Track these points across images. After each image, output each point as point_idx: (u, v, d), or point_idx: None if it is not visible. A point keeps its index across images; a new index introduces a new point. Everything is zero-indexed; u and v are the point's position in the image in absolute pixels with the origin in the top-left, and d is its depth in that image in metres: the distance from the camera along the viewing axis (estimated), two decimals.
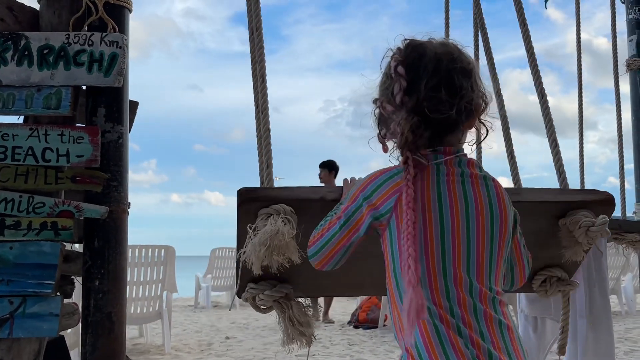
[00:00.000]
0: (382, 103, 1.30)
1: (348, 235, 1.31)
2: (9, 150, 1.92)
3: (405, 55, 1.28)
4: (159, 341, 6.05)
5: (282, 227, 1.39)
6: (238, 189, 1.54)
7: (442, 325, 1.17)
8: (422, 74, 1.25)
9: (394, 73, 1.27)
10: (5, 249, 1.91)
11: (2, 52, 1.93)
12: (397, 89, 1.25)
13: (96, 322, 2.02)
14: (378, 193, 1.26)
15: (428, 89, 1.23)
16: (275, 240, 1.36)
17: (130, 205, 2.15)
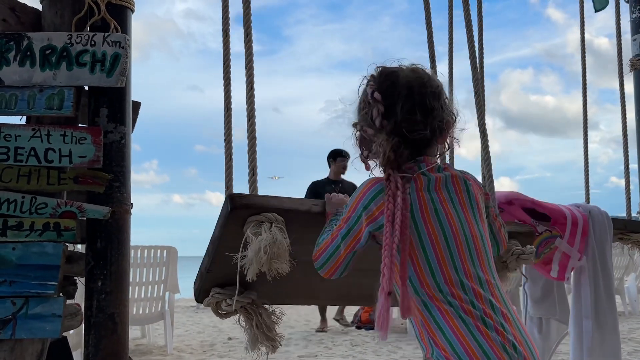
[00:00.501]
0: (362, 127, 1.42)
1: (351, 245, 1.41)
2: (11, 151, 1.91)
3: (379, 82, 1.41)
4: (161, 342, 6.04)
5: (278, 236, 1.44)
6: (229, 194, 1.57)
7: (468, 317, 1.25)
8: (397, 99, 1.37)
9: (371, 99, 1.39)
10: (8, 249, 1.91)
11: (5, 52, 1.92)
12: (376, 114, 1.37)
13: (99, 323, 2.01)
14: (375, 203, 1.35)
15: (404, 112, 1.36)
16: (274, 247, 1.41)
17: (132, 206, 2.14)
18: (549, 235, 2.52)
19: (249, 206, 1.53)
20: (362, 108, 1.44)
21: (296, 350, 5.67)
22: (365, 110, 1.42)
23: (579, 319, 2.76)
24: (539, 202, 2.58)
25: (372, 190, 1.36)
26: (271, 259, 1.40)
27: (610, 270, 2.74)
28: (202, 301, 1.69)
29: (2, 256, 1.91)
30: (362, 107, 1.44)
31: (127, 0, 2.03)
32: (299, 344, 6.02)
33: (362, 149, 1.46)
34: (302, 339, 6.30)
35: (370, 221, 1.35)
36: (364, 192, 1.38)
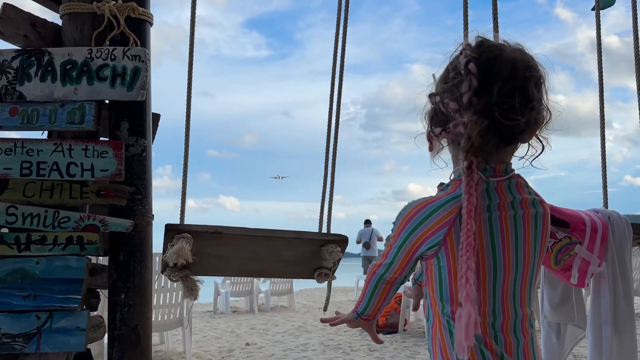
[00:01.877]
0: (442, 99, 1.22)
1: (404, 263, 1.31)
2: (33, 166, 1.93)
3: (479, 52, 1.21)
4: (180, 348, 6.06)
5: (184, 245, 2.14)
6: (166, 224, 2.22)
7: (487, 351, 1.20)
8: (496, 76, 1.18)
9: (464, 70, 1.19)
10: (32, 264, 1.92)
11: (26, 68, 1.94)
12: (467, 88, 1.18)
13: (122, 336, 2.02)
14: (425, 226, 1.23)
15: (501, 93, 1.18)
16: (180, 252, 2.12)
17: (154, 217, 2.15)
18: (569, 241, 2.50)
19: (174, 230, 2.19)
20: (449, 78, 1.23)
21: (314, 356, 5.66)
22: (453, 81, 1.21)
23: (598, 325, 2.73)
24: (558, 208, 2.56)
25: (423, 213, 1.23)
26: (179, 257, 2.12)
27: (629, 276, 2.70)
28: (163, 272, 2.30)
29: (26, 270, 1.92)
30: (449, 77, 1.23)
31: (146, 14, 2.04)
32: (316, 349, 6.00)
33: (432, 124, 1.27)
34: (320, 344, 6.28)
35: (419, 244, 1.25)
36: (412, 214, 1.24)
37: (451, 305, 1.23)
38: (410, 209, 1.26)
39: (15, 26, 1.96)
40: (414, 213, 1.24)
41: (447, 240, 1.21)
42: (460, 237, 1.18)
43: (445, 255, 1.22)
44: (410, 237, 1.25)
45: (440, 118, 1.24)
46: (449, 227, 1.20)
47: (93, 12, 1.97)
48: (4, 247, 1.92)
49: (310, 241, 2.51)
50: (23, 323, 1.90)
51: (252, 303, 9.74)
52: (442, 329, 1.25)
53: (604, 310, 2.67)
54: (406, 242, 1.26)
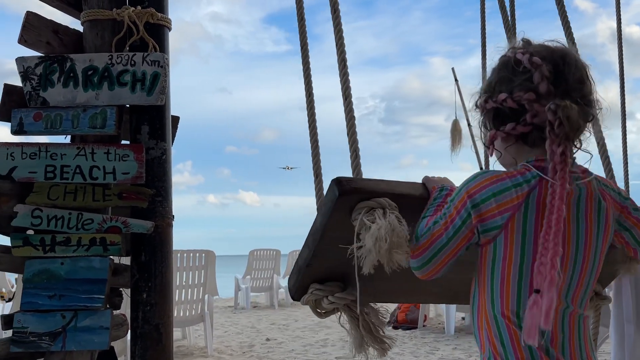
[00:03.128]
0: (512, 95, 1.22)
1: (459, 246, 1.23)
2: (57, 169, 1.98)
3: (535, 49, 1.26)
4: (201, 343, 6.15)
5: (396, 224, 1.24)
6: (335, 178, 1.36)
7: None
8: (563, 66, 1.23)
9: (529, 63, 1.22)
10: (57, 264, 1.98)
11: (49, 74, 1.99)
12: (539, 78, 1.21)
13: (145, 334, 2.07)
14: (488, 204, 1.18)
15: (575, 79, 1.22)
16: (394, 236, 1.21)
17: (174, 218, 2.19)
18: None
19: (358, 190, 1.33)
20: (514, 74, 1.24)
21: (333, 351, 5.70)
22: (522, 76, 1.22)
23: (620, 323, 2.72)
24: None
25: (489, 190, 1.19)
26: (391, 248, 1.21)
27: None
28: (299, 299, 1.52)
29: (51, 271, 1.98)
30: (513, 73, 1.24)
31: (164, 19, 2.08)
32: (335, 345, 6.05)
33: (496, 125, 1.26)
34: (339, 339, 6.32)
35: (479, 221, 1.19)
36: (477, 188, 1.19)
37: (502, 302, 1.21)
38: (480, 180, 1.21)
39: (38, 33, 2.01)
40: (485, 185, 1.20)
41: (508, 226, 1.18)
42: (521, 227, 1.17)
43: (504, 243, 1.19)
44: (475, 209, 1.19)
45: (502, 117, 1.25)
46: (512, 212, 1.17)
47: (113, 18, 2.01)
48: (30, 248, 1.98)
49: None
50: (49, 322, 1.95)
51: (273, 298, 9.82)
52: (489, 322, 1.22)
53: (626, 308, 2.65)
54: (470, 216, 1.20)
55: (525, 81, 1.22)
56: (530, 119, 1.20)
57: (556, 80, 1.21)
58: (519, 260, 1.19)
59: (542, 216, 1.16)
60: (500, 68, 1.29)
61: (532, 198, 1.18)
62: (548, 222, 1.12)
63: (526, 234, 1.18)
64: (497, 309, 1.21)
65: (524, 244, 1.18)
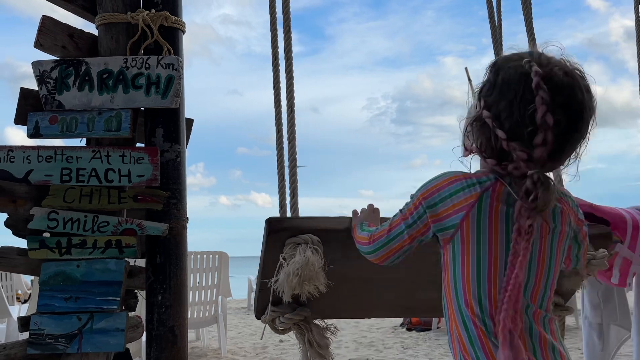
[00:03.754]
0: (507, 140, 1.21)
1: (411, 237, 1.34)
2: (73, 172, 1.99)
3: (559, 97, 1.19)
4: (215, 344, 6.17)
5: (311, 257, 1.46)
6: (267, 218, 1.61)
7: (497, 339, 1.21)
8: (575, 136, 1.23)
9: (541, 119, 1.17)
10: (73, 267, 1.99)
11: (65, 78, 2.00)
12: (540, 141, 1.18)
13: (160, 336, 2.08)
14: (444, 205, 1.26)
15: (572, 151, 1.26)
16: (306, 270, 1.43)
17: (188, 221, 2.20)
18: None
19: (286, 229, 1.57)
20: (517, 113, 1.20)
21: (347, 353, 5.69)
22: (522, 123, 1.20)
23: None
24: (597, 207, 2.52)
25: (445, 191, 1.26)
26: (303, 281, 1.44)
27: None
28: (260, 318, 1.75)
29: (67, 273, 1.99)
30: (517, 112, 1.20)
31: (178, 22, 2.08)
32: (349, 346, 6.03)
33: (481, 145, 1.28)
34: (352, 341, 6.31)
35: (435, 221, 1.28)
36: (433, 188, 1.28)
37: (465, 297, 1.25)
38: (436, 182, 1.29)
39: (54, 37, 2.02)
40: (439, 187, 1.27)
41: (463, 225, 1.24)
42: (475, 225, 1.22)
43: (461, 241, 1.25)
44: (430, 210, 1.28)
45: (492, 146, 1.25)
46: (466, 211, 1.23)
47: (127, 22, 2.02)
48: (46, 251, 1.99)
49: None
50: (65, 324, 1.97)
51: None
52: (457, 322, 1.26)
53: None
54: (424, 215, 1.29)
55: (527, 134, 1.19)
56: (511, 169, 1.22)
57: (555, 152, 1.21)
58: (475, 257, 1.24)
59: (496, 214, 1.23)
60: (515, 92, 1.20)
61: (485, 197, 1.23)
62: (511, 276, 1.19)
63: (480, 231, 1.23)
64: (463, 307, 1.25)
65: (479, 242, 1.24)
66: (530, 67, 1.19)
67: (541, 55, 1.24)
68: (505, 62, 1.26)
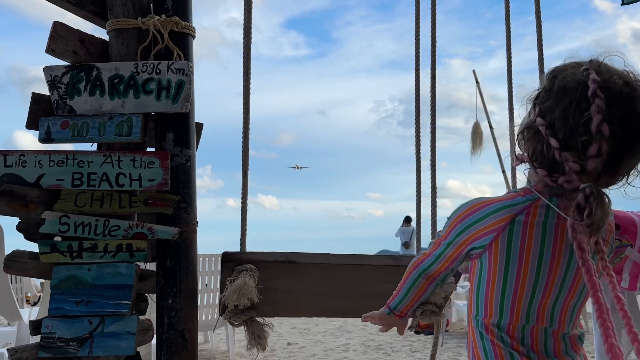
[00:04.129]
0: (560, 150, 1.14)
1: (450, 259, 1.37)
2: (84, 177, 2.01)
3: (617, 108, 1.11)
4: (223, 347, 6.17)
5: (248, 280, 2.08)
6: (222, 253, 2.22)
7: (515, 351, 1.23)
8: (631, 149, 1.13)
9: (596, 129, 1.09)
10: (84, 270, 2.00)
11: (76, 83, 2.02)
12: (595, 152, 1.11)
13: (170, 340, 2.09)
14: (478, 226, 1.26)
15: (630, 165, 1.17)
16: (243, 289, 2.07)
17: (198, 224, 2.21)
18: (619, 244, 2.45)
19: (234, 260, 2.19)
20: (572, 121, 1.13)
21: (355, 356, 5.68)
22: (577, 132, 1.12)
23: None
24: None
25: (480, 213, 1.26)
26: (240, 297, 2.07)
27: None
28: (222, 316, 2.27)
29: (78, 277, 2.00)
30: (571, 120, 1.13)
31: (188, 28, 2.09)
32: (357, 349, 6.02)
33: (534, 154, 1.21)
34: (361, 344, 6.30)
35: (469, 242, 1.29)
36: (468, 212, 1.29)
37: (485, 313, 1.27)
38: (466, 208, 1.30)
39: (65, 43, 2.04)
40: (469, 213, 1.28)
41: (492, 246, 1.23)
42: (505, 248, 1.21)
43: (488, 261, 1.24)
44: (460, 235, 1.30)
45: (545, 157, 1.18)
46: (496, 233, 1.22)
47: (138, 27, 2.04)
48: (57, 254, 2.00)
49: None
50: (76, 328, 1.98)
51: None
52: (474, 333, 1.29)
53: None
54: (456, 239, 1.31)
55: (580, 144, 1.11)
56: (561, 182, 1.16)
57: (610, 163, 1.12)
58: (502, 279, 1.24)
59: (529, 237, 1.20)
60: (571, 100, 1.13)
61: (519, 221, 1.21)
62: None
63: (510, 254, 1.22)
64: (481, 321, 1.28)
65: (508, 264, 1.22)
66: (588, 75, 1.13)
67: (601, 64, 1.17)
68: (563, 69, 1.20)
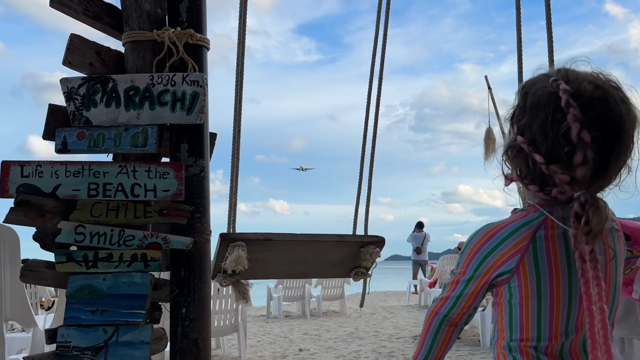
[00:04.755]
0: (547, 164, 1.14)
1: (473, 295, 1.27)
2: (100, 187, 2.03)
3: (592, 113, 1.11)
4: (235, 353, 6.19)
5: (241, 253, 2.51)
6: (221, 233, 2.58)
7: None
8: (615, 150, 1.13)
9: (577, 138, 1.10)
10: (99, 280, 2.02)
11: (92, 94, 2.05)
12: (581, 160, 1.10)
13: (184, 349, 2.10)
14: (499, 251, 1.19)
15: (618, 167, 1.16)
16: (239, 259, 2.49)
17: (211, 234, 2.22)
18: (630, 255, 2.44)
19: (229, 239, 2.56)
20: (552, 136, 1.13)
21: None
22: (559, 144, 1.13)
23: None
24: (621, 221, 2.49)
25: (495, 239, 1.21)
26: (237, 265, 2.49)
27: None
28: (214, 279, 2.60)
29: (93, 286, 2.02)
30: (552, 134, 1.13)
31: (203, 40, 2.11)
32: (369, 356, 6.01)
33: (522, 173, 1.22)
34: (372, 351, 6.29)
35: (491, 272, 1.22)
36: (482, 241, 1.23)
37: (521, 337, 1.21)
38: (480, 236, 1.22)
39: (82, 55, 2.06)
40: (485, 241, 1.21)
41: (519, 269, 1.17)
42: (533, 267, 1.16)
43: (518, 285, 1.18)
44: (481, 267, 1.22)
45: (532, 172, 1.18)
46: (521, 255, 1.17)
47: (153, 39, 2.06)
48: (73, 264, 2.02)
49: (352, 243, 2.88)
50: (91, 337, 2.00)
51: (304, 308, 9.82)
52: (506, 357, 1.23)
53: None
54: (477, 272, 1.23)
55: (565, 155, 1.11)
56: (556, 194, 1.15)
57: (599, 169, 1.12)
58: (535, 298, 1.18)
59: (554, 251, 1.16)
60: (546, 114, 1.14)
61: (540, 237, 1.17)
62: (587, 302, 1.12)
63: (540, 272, 1.17)
64: (515, 346, 1.21)
65: (539, 283, 1.18)
66: (557, 86, 1.13)
67: (569, 71, 1.17)
68: (532, 84, 1.20)
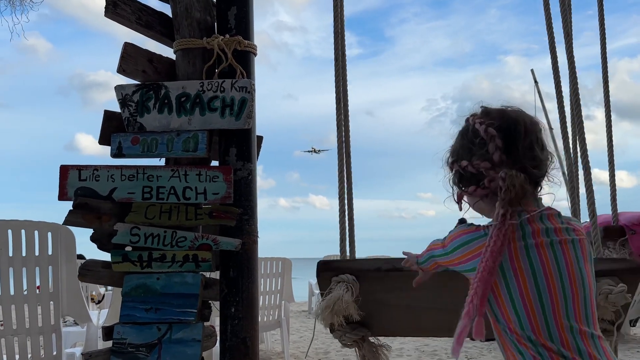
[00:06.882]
0: (471, 162, 1.41)
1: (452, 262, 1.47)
2: (154, 190, 2.11)
3: (491, 118, 1.42)
4: (278, 348, 6.28)
5: (344, 294, 1.84)
6: (318, 261, 2.06)
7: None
8: (514, 133, 1.39)
9: (485, 134, 1.40)
10: (153, 279, 2.11)
11: (146, 101, 2.13)
12: (494, 148, 1.38)
13: (233, 347, 2.17)
14: (457, 254, 1.42)
15: (525, 147, 1.39)
16: (337, 305, 1.83)
17: (259, 236, 2.28)
18: None
19: (329, 269, 2.02)
20: (472, 144, 1.43)
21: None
22: (479, 146, 1.41)
23: None
24: (623, 214, 2.48)
25: (457, 241, 1.41)
26: (334, 314, 1.84)
27: None
28: (332, 334, 2.09)
29: (148, 286, 2.11)
30: (472, 143, 1.43)
31: (250, 46, 2.17)
32: (411, 354, 6.01)
33: (462, 185, 1.46)
34: (415, 349, 6.28)
35: (451, 264, 1.45)
36: (451, 238, 1.44)
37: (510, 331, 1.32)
38: (454, 233, 1.44)
39: (135, 62, 2.15)
40: (453, 238, 1.43)
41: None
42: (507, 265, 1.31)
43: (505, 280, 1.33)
44: (452, 253, 1.44)
45: (466, 179, 1.44)
46: (480, 259, 1.32)
47: (203, 47, 2.12)
48: (129, 264, 2.11)
49: None
50: (145, 334, 2.08)
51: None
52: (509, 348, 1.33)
53: None
54: (450, 254, 1.45)
55: (482, 150, 1.40)
56: (488, 184, 1.39)
57: (508, 150, 1.38)
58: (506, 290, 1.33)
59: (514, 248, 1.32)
60: (463, 135, 1.47)
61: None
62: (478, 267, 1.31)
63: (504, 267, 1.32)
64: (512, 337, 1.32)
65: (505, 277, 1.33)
66: (473, 119, 1.45)
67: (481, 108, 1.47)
68: None
